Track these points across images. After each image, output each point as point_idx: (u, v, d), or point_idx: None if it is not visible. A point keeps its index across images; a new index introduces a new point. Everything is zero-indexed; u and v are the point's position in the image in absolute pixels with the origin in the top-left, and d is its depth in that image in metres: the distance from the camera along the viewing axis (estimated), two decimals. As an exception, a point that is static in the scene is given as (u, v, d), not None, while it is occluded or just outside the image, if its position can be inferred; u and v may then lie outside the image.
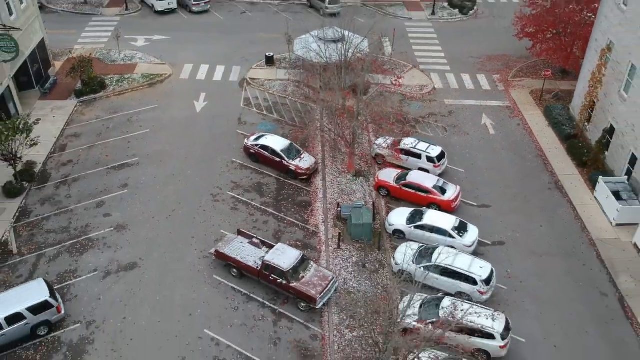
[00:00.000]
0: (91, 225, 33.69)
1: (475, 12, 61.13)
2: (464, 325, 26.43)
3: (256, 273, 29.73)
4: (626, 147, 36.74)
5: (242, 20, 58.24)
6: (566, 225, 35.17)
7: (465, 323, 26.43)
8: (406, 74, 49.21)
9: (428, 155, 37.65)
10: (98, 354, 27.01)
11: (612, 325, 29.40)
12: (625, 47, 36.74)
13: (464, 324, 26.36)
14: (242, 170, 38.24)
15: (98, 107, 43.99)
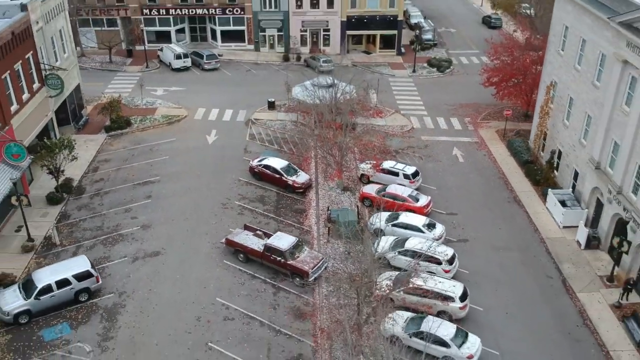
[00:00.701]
0: (121, 225, 40.19)
1: (451, 70, 69.91)
2: (429, 289, 32.58)
3: (259, 255, 36.00)
4: (570, 165, 43.85)
5: (247, 76, 66.80)
6: (521, 228, 41.69)
7: (430, 288, 32.60)
8: (389, 117, 57.03)
9: (404, 173, 44.68)
10: (129, 315, 32.88)
11: (555, 299, 35.40)
12: (565, 84, 44.62)
13: (429, 288, 32.54)
14: (247, 186, 45.10)
15: (124, 140, 51.42)
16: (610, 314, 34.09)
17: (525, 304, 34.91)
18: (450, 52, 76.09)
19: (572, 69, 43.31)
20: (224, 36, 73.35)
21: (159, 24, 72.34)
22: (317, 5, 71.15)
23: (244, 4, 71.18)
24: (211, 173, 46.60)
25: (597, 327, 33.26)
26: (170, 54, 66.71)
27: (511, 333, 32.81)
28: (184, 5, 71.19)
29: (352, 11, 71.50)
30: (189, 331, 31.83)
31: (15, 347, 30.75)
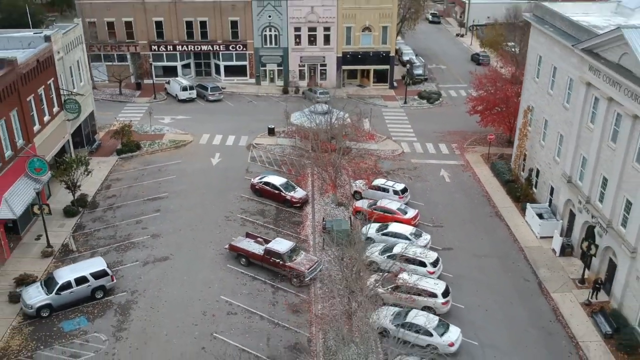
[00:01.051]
0: (132, 234, 43.60)
1: (440, 102, 74.37)
2: (415, 287, 35.85)
3: (260, 258, 39.35)
4: (547, 182, 47.58)
5: (248, 107, 71.14)
6: (502, 239, 45.13)
7: (415, 286, 35.88)
8: (381, 142, 61.03)
9: (394, 189, 48.38)
10: (140, 310, 36.04)
11: (531, 299, 38.61)
12: (540, 108, 48.76)
13: (414, 286, 35.82)
14: (249, 201, 48.69)
15: (134, 162, 55.26)
16: (581, 310, 37.27)
17: (503, 303, 38.10)
18: (440, 86, 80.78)
19: (546, 94, 47.50)
20: (227, 71, 78.10)
21: (166, 59, 77.15)
22: (314, 42, 76.13)
23: (246, 41, 76.15)
24: (215, 190, 50.25)
25: (568, 322, 36.39)
26: (177, 86, 71.25)
27: (490, 327, 35.93)
28: (189, 42, 76.15)
29: (347, 47, 76.45)
30: (195, 323, 34.93)
31: (38, 337, 33.81)
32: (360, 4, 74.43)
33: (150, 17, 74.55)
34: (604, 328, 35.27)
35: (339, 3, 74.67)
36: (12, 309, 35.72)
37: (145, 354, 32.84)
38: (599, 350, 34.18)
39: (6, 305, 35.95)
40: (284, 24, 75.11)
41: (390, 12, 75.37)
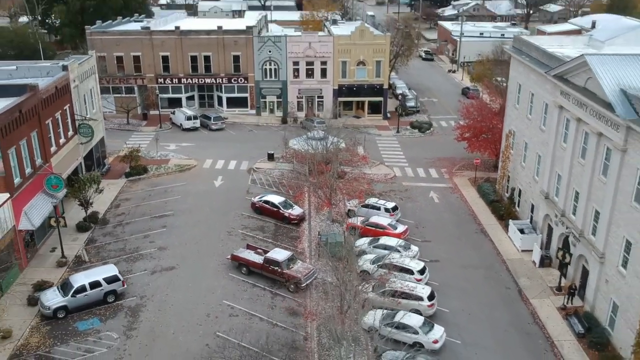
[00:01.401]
0: (140, 247, 46.74)
1: (431, 131, 78.32)
2: (403, 291, 38.89)
3: (260, 267, 42.43)
4: (528, 200, 51.00)
5: (249, 135, 75.03)
6: (486, 252, 48.27)
7: (403, 290, 38.92)
8: (374, 167, 64.63)
9: (385, 207, 51.77)
10: (149, 312, 38.97)
11: (512, 304, 41.59)
12: (520, 132, 52.55)
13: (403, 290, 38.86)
14: (249, 219, 51.97)
15: (142, 183, 58.73)
16: (557, 314, 40.21)
17: (485, 308, 41.06)
18: (432, 117, 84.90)
19: (525, 118, 51.34)
20: (229, 102, 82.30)
21: (172, 92, 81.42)
22: (312, 76, 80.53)
23: (248, 74, 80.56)
24: (218, 209, 53.56)
25: (545, 324, 39.31)
26: (182, 116, 75.25)
27: (472, 328, 38.82)
28: (194, 75, 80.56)
29: (343, 80, 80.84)
30: (199, 324, 37.82)
31: (55, 335, 36.67)
32: (354, 40, 79.14)
33: (157, 51, 79.11)
34: (577, 328, 38.19)
35: (334, 39, 79.43)
36: (31, 310, 38.64)
37: (153, 349, 35.68)
38: (572, 348, 37.03)
39: (25, 308, 38.86)
40: (283, 59, 79.65)
41: (383, 48, 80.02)
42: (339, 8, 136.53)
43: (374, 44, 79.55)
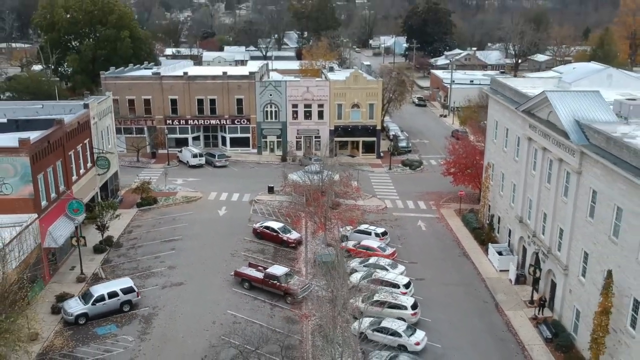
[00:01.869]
0: (152, 266, 51.32)
1: (421, 168, 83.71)
2: (389, 301, 43.35)
3: (260, 282, 46.94)
4: (505, 226, 55.83)
5: (251, 171, 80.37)
6: (467, 272, 52.78)
7: (389, 300, 43.39)
8: (367, 200, 69.65)
9: (376, 232, 56.58)
10: (160, 320, 43.31)
11: (488, 315, 45.92)
12: (498, 164, 57.84)
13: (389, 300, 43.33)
14: (251, 243, 56.70)
15: (152, 213, 63.64)
16: (528, 323, 44.52)
17: (464, 319, 45.37)
18: (422, 156, 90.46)
19: (502, 152, 56.71)
20: (232, 142, 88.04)
21: (179, 132, 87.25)
22: (309, 117, 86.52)
23: (250, 115, 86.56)
24: (222, 235, 58.32)
25: (517, 331, 43.57)
26: (188, 154, 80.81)
27: (451, 335, 43.07)
28: (200, 116, 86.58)
29: (338, 122, 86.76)
30: (206, 329, 42.12)
31: (76, 338, 40.96)
32: (349, 85, 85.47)
33: (166, 95, 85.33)
34: (546, 334, 42.47)
35: (330, 84, 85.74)
36: (54, 318, 43.01)
37: (164, 350, 39.92)
38: (540, 351, 41.24)
39: (49, 316, 43.21)
40: (283, 102, 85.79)
41: (376, 92, 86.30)
42: (336, 58, 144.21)
43: (367, 88, 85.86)
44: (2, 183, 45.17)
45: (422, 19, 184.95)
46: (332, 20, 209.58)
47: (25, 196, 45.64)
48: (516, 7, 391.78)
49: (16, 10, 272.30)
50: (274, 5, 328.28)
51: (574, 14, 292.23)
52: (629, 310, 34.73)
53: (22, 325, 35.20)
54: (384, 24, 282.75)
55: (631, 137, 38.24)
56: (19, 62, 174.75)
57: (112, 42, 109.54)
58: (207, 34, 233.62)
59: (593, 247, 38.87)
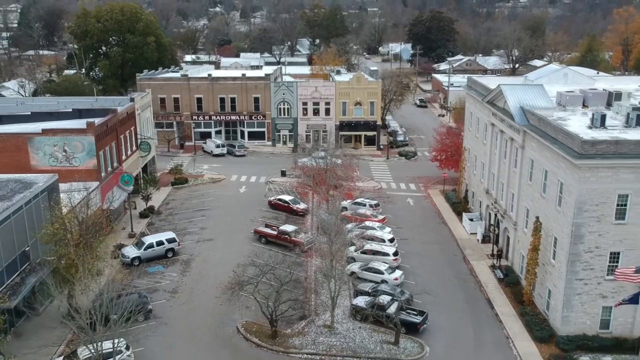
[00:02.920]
0: (187, 227, 63.53)
1: (415, 158, 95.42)
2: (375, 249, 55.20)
3: (275, 237, 58.99)
4: (477, 198, 67.43)
5: (266, 160, 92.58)
6: (443, 235, 64.45)
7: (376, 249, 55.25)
8: (366, 182, 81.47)
9: (370, 203, 68.40)
10: (197, 263, 55.46)
11: (456, 264, 57.56)
12: (473, 148, 69.50)
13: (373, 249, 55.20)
14: (266, 212, 68.78)
15: (184, 190, 75.99)
16: (487, 269, 56.07)
17: (436, 266, 57.05)
18: (418, 149, 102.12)
19: (475, 137, 68.37)
20: (250, 135, 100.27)
21: (204, 127, 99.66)
22: (318, 114, 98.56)
23: (265, 112, 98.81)
24: (243, 206, 70.45)
25: (478, 275, 55.15)
26: (212, 144, 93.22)
27: (425, 276, 54.74)
28: (222, 113, 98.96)
29: (343, 118, 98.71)
30: (233, 269, 53.99)
31: (132, 275, 53.16)
32: (352, 85, 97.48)
33: (193, 94, 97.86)
34: (499, 275, 54.03)
35: (336, 84, 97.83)
36: (115, 261, 55.23)
37: (200, 282, 52.03)
38: (493, 288, 52.78)
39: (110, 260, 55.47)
40: (294, 100, 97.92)
41: (376, 91, 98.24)
42: (344, 63, 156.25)
43: (368, 88, 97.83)
44: (73, 157, 57.67)
45: (427, 27, 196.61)
46: (342, 29, 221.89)
47: (90, 168, 58.08)
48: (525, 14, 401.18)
49: (43, 20, 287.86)
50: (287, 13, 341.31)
51: (583, 21, 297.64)
52: (551, 247, 46.27)
53: (107, 245, 47.64)
54: (394, 32, 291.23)
55: (563, 120, 49.88)
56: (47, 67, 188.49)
57: (140, 48, 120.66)
58: (223, 41, 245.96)
59: (531, 203, 50.46)
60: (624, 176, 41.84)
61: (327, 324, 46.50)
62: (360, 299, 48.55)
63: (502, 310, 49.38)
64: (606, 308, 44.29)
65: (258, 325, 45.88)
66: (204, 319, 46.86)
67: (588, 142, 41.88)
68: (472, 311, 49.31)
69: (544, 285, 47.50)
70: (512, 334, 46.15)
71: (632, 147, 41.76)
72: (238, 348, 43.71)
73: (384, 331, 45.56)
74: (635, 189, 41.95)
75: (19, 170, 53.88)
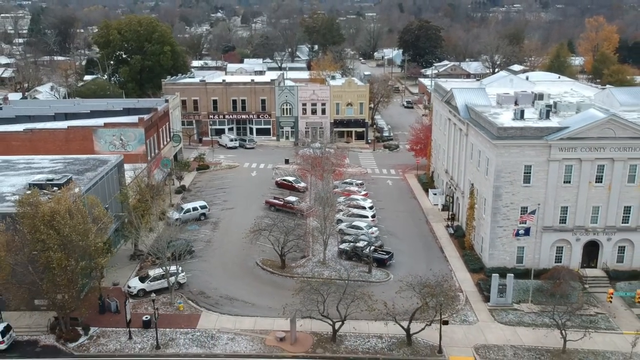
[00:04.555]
0: (212, 200, 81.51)
1: (397, 150, 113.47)
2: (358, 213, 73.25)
3: (281, 205, 77.13)
4: (440, 177, 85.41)
5: (272, 151, 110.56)
6: (413, 206, 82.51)
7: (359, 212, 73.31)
8: (354, 168, 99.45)
9: (356, 183, 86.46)
10: (223, 224, 73.54)
11: (420, 225, 75.62)
12: (438, 139, 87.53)
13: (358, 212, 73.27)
14: (274, 190, 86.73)
15: (207, 174, 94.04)
16: (443, 228, 74.08)
17: (405, 226, 75.07)
18: (400, 143, 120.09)
19: (439, 129, 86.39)
20: (258, 132, 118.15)
21: (218, 124, 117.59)
22: (315, 113, 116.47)
23: (271, 112, 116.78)
24: (255, 185, 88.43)
25: (435, 231, 73.18)
26: (227, 139, 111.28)
27: (396, 232, 72.71)
28: (234, 112, 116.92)
29: (337, 116, 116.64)
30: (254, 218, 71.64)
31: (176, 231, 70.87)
32: (344, 89, 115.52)
33: (209, 96, 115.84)
34: (450, 232, 72.06)
35: (330, 88, 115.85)
36: (161, 223, 72.98)
37: (227, 235, 70.03)
38: (446, 239, 70.80)
39: (157, 222, 73.23)
40: (295, 101, 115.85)
41: (364, 94, 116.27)
42: (340, 68, 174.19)
43: (358, 91, 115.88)
44: (127, 144, 75.60)
45: (415, 35, 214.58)
46: (338, 36, 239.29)
47: (140, 153, 76.00)
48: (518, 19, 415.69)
49: (56, 27, 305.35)
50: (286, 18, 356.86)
51: (573, 25, 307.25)
52: (482, 205, 64.15)
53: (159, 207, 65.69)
54: (389, 37, 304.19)
55: (497, 114, 67.71)
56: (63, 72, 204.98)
57: (156, 55, 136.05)
58: (227, 47, 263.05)
59: (472, 176, 68.41)
60: (527, 152, 59.79)
61: (321, 261, 64.41)
62: (345, 244, 66.49)
63: (450, 253, 67.43)
64: (520, 248, 62.21)
65: (271, 261, 63.87)
66: (232, 257, 64.88)
67: (502, 128, 59.91)
68: (427, 254, 67.31)
69: (479, 235, 65.44)
70: (454, 268, 64.16)
71: (533, 131, 59.77)
72: (257, 275, 61.75)
73: (361, 265, 63.47)
74: (536, 161, 59.90)
75: (86, 154, 71.75)
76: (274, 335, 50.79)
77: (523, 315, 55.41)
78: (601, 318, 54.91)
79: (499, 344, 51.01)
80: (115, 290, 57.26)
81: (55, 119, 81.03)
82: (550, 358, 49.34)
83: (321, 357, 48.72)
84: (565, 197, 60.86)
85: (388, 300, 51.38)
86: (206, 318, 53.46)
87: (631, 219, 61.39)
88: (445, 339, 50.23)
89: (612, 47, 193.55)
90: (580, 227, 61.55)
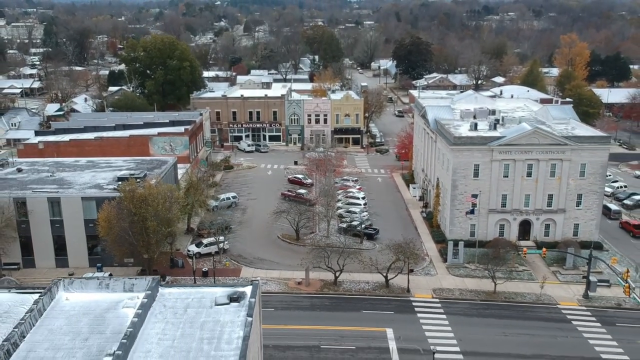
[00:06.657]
0: (239, 192, 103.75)
1: (387, 153, 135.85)
2: (353, 201, 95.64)
3: (294, 197, 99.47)
4: (418, 175, 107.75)
5: (283, 154, 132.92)
6: (396, 197, 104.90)
7: (353, 201, 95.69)
8: (351, 168, 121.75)
9: (351, 179, 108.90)
10: (250, 209, 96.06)
11: (401, 211, 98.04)
12: (417, 144, 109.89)
13: (353, 201, 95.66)
14: (286, 185, 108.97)
15: (232, 173, 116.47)
16: (419, 214, 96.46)
17: (389, 211, 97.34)
18: (391, 147, 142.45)
19: (418, 137, 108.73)
20: (270, 138, 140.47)
21: (237, 132, 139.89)
22: (318, 122, 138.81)
23: (281, 121, 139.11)
24: (271, 181, 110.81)
25: (412, 215, 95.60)
26: (245, 144, 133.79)
27: (382, 215, 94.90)
28: (250, 122, 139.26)
29: (336, 125, 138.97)
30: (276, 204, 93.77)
31: (215, 215, 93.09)
32: (342, 102, 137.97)
33: (230, 108, 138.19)
34: (424, 216, 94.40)
35: (331, 101, 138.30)
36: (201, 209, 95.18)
37: (254, 218, 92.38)
38: (420, 221, 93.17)
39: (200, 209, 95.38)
40: (302, 112, 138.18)
41: (360, 106, 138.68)
42: (339, 81, 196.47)
43: (354, 104, 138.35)
44: (175, 149, 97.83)
45: (408, 49, 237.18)
46: (337, 51, 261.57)
47: (184, 155, 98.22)
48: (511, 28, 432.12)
49: (74, 39, 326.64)
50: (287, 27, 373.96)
51: (563, 34, 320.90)
52: (445, 193, 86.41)
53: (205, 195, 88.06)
54: (386, 48, 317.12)
55: (458, 126, 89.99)
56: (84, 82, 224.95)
57: (177, 70, 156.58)
58: (234, 59, 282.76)
59: (438, 172, 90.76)
60: (476, 154, 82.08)
61: (325, 235, 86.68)
62: (343, 224, 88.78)
63: (422, 230, 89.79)
64: (472, 225, 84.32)
65: (288, 235, 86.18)
66: (259, 233, 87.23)
67: (457, 137, 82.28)
68: (405, 231, 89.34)
69: (443, 216, 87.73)
70: (424, 240, 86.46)
71: (480, 139, 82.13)
72: (279, 244, 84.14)
73: (355, 238, 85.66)
74: (482, 161, 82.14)
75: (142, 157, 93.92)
76: (293, 280, 73.03)
77: (470, 271, 77.66)
78: (526, 273, 77.21)
79: (450, 287, 73.29)
80: (176, 254, 79.49)
81: (115, 129, 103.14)
82: (484, 296, 71.56)
83: (327, 295, 70.90)
84: (504, 187, 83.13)
85: (373, 258, 73.74)
86: (245, 271, 75.69)
87: (553, 204, 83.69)
88: (412, 285, 72.41)
89: (584, 61, 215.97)
90: (516, 210, 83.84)
